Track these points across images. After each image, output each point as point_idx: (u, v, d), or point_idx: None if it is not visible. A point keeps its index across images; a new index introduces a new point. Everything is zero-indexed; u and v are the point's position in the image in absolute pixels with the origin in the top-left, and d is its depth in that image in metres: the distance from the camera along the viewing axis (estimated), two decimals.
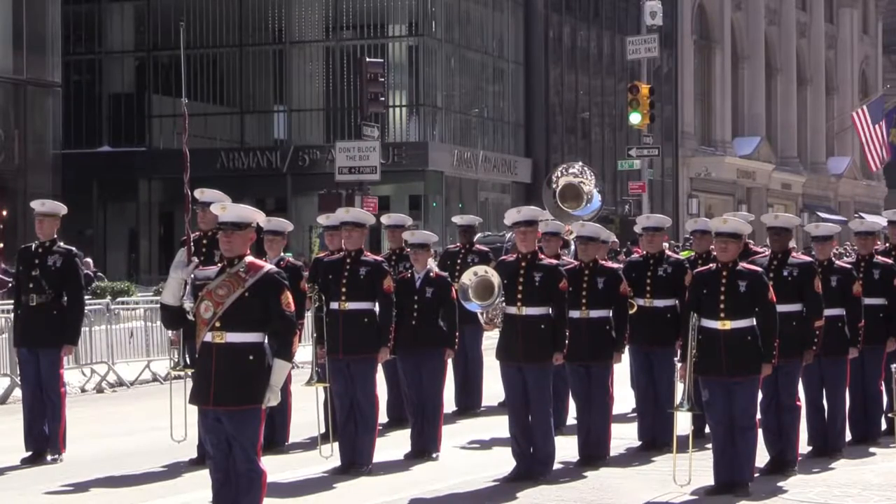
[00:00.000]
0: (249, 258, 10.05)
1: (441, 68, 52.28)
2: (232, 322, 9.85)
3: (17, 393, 20.25)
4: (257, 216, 10.21)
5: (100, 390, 22.37)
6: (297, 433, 15.52)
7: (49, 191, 41.33)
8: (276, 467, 13.86)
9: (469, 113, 54.08)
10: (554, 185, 18.42)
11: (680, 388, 12.83)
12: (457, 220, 20.45)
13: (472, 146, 53.00)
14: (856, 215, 41.35)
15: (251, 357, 9.88)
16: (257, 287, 9.89)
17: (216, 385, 9.85)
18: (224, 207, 10.21)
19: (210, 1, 52.55)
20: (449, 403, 17.47)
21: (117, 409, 20.08)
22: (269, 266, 10.17)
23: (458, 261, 18.19)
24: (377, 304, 14.15)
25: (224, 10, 52.58)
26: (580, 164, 20.23)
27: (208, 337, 9.92)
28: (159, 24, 53.38)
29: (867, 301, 14.76)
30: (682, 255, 17.68)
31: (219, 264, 10.25)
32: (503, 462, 13.81)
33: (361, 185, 40.98)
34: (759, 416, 12.98)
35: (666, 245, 16.86)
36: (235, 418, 9.89)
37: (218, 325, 9.86)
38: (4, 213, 40.13)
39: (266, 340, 9.97)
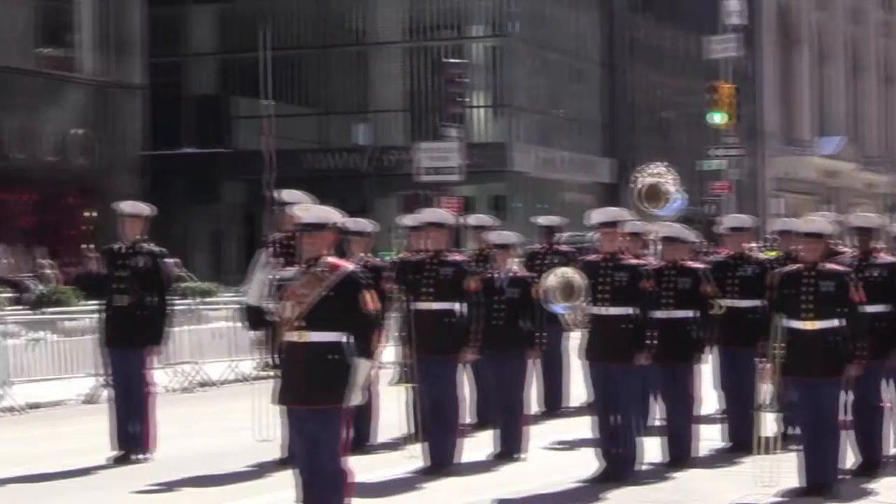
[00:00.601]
0: (331, 258, 10.06)
1: (522, 69, 52.27)
2: (314, 321, 9.83)
3: (106, 393, 20.57)
4: (337, 217, 10.24)
5: (186, 390, 22.56)
6: (383, 433, 15.43)
7: (132, 192, 41.48)
8: (361, 467, 13.78)
9: (550, 113, 54.02)
10: (636, 185, 18.36)
11: (765, 389, 12.77)
12: (540, 220, 20.37)
13: (553, 147, 52.96)
14: None
15: (333, 356, 9.86)
16: (339, 286, 9.87)
17: (300, 384, 9.86)
18: (305, 208, 10.31)
19: (292, 3, 52.86)
20: (534, 404, 17.44)
21: (203, 408, 20.13)
22: (350, 266, 10.20)
23: (542, 261, 17.99)
24: (461, 304, 14.08)
25: (306, 12, 52.88)
26: (664, 164, 20.12)
27: (295, 337, 9.91)
28: (241, 26, 53.69)
29: None
30: (767, 255, 17.49)
31: (300, 264, 10.22)
32: (588, 463, 13.66)
33: (443, 186, 41.04)
34: (848, 417, 12.73)
35: (754, 245, 16.73)
36: (319, 418, 9.86)
37: (301, 324, 9.85)
38: (94, 213, 40.44)
39: (348, 339, 9.93)
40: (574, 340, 15.02)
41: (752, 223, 16.39)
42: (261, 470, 14.07)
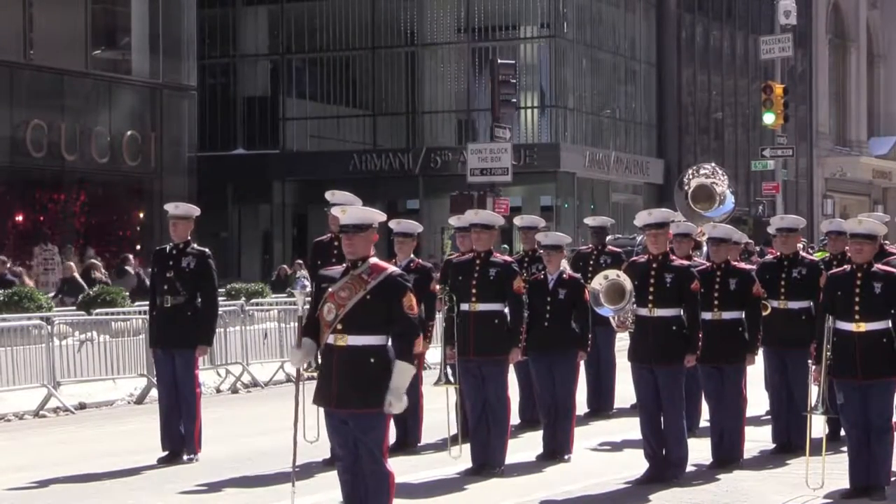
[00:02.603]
0: (373, 260, 9.92)
1: (573, 69, 52.19)
2: (354, 324, 9.75)
3: (154, 393, 20.61)
4: (378, 217, 10.08)
5: (234, 391, 22.59)
6: (428, 434, 15.51)
7: (184, 193, 41.75)
8: (407, 468, 13.93)
9: (601, 114, 53.94)
10: (686, 187, 18.28)
11: (814, 391, 12.64)
12: (589, 221, 20.29)
13: (603, 147, 52.87)
14: None
15: (373, 360, 9.77)
16: (379, 289, 9.76)
17: (339, 387, 9.78)
18: (344, 210, 10.09)
19: (342, 4, 52.89)
20: (581, 405, 17.33)
21: (251, 409, 20.19)
22: (391, 268, 10.03)
23: (591, 262, 18.06)
24: (507, 304, 14.08)
25: (356, 13, 52.87)
26: (712, 164, 20.02)
27: (330, 339, 9.83)
28: (293, 27, 53.89)
29: None
30: (817, 256, 17.36)
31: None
32: (635, 464, 13.75)
33: (493, 187, 40.99)
34: None
35: (800, 246, 16.59)
36: (360, 421, 9.79)
37: (340, 327, 9.76)
38: (142, 215, 40.62)
39: (389, 343, 9.83)
40: (624, 342, 14.86)
41: (800, 223, 16.14)
42: (308, 470, 13.98)
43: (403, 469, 13.78)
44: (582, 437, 15.87)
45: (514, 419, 15.62)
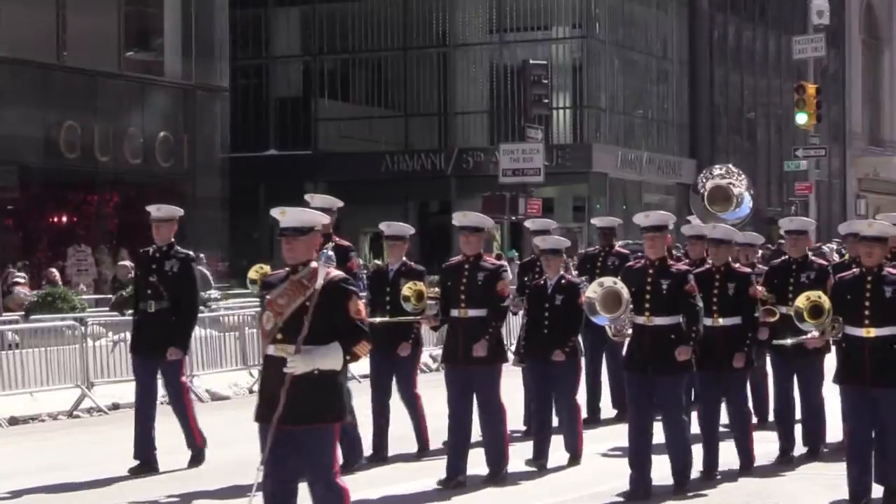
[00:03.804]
0: (314, 264, 9.26)
1: (605, 69, 52.16)
2: (295, 334, 9.07)
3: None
4: (322, 219, 9.62)
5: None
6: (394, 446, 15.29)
7: (217, 194, 41.90)
8: (386, 479, 13.90)
9: (633, 114, 53.89)
10: (702, 190, 18.07)
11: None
12: (596, 221, 19.91)
13: (636, 147, 52.80)
14: None
15: (317, 371, 9.09)
16: (322, 295, 9.11)
17: (285, 402, 9.03)
18: (284, 212, 9.45)
19: (374, 5, 52.98)
20: (606, 408, 17.56)
21: None
22: (335, 272, 9.33)
23: (598, 263, 17.73)
24: (488, 306, 13.65)
25: (388, 14, 52.94)
26: (727, 165, 19.78)
27: (271, 350, 9.15)
28: (325, 28, 53.98)
29: None
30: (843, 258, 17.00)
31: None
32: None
33: (525, 188, 41.00)
34: None
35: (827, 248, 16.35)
36: (311, 436, 9.18)
37: (280, 336, 9.13)
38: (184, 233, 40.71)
39: (343, 359, 9.21)
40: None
41: (809, 226, 15.88)
42: None
43: (380, 481, 13.77)
44: (594, 441, 15.72)
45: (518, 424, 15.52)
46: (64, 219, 40.51)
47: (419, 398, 15.14)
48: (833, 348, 12.98)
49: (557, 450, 14.74)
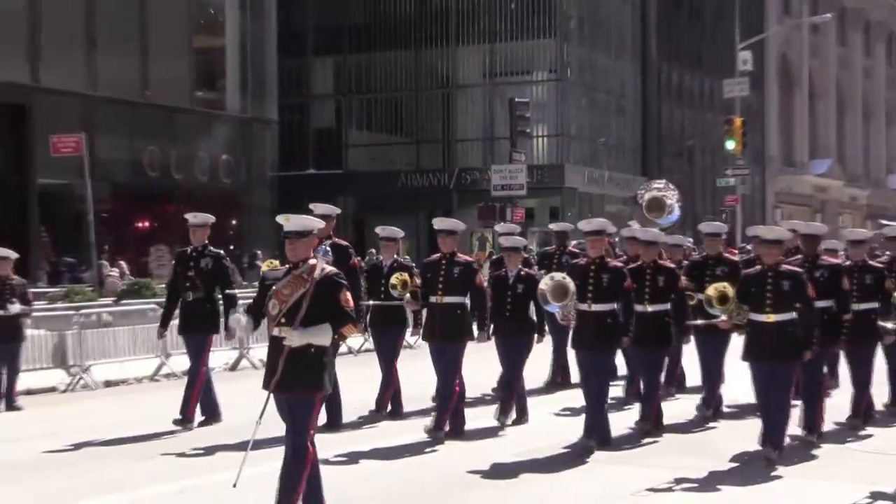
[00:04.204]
0: (312, 261, 9.07)
1: (575, 106, 52.09)
2: (294, 317, 8.89)
3: (244, 363, 20.47)
4: (317, 225, 9.30)
5: None
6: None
7: (267, 205, 41.91)
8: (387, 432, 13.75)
9: (597, 141, 53.75)
10: (641, 200, 17.90)
11: None
12: (552, 226, 19.65)
13: (599, 167, 52.66)
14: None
15: (313, 349, 8.91)
16: (319, 287, 8.91)
17: (282, 373, 8.87)
18: (288, 218, 9.21)
19: (392, 55, 52.91)
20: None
21: None
22: (329, 269, 9.09)
23: (554, 260, 17.59)
24: (471, 297, 13.64)
25: (403, 63, 52.97)
26: (664, 180, 19.61)
27: (276, 331, 8.99)
28: (353, 73, 53.96)
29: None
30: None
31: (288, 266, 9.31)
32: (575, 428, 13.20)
33: (511, 199, 40.90)
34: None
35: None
36: (294, 400, 8.95)
37: (283, 320, 8.93)
38: (234, 222, 40.66)
39: (332, 338, 9.03)
40: None
41: (723, 229, 15.63)
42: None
43: (380, 434, 13.71)
44: (546, 403, 15.68)
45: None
46: (146, 224, 40.54)
47: (396, 371, 14.93)
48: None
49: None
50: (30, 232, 34.25)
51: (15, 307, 16.89)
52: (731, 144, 48.07)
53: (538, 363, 16.62)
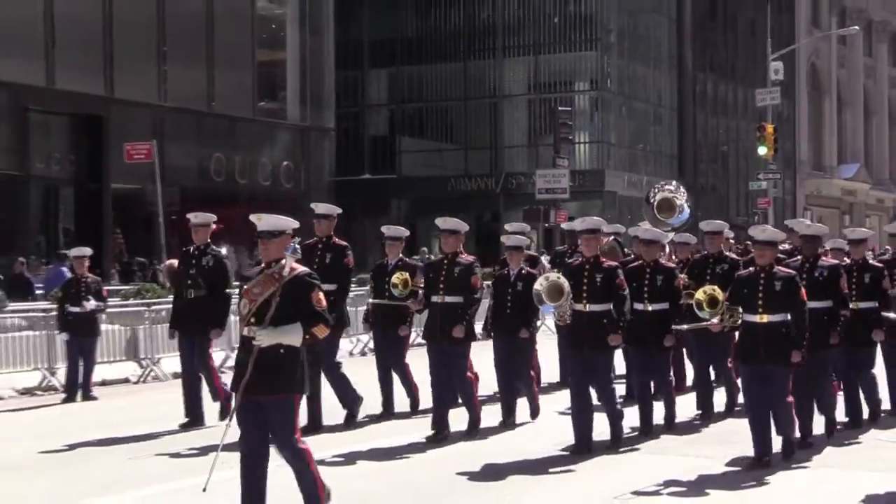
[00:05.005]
0: (284, 261, 8.53)
1: (614, 114, 51.87)
2: (264, 318, 8.35)
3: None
4: (291, 224, 8.77)
5: (363, 354, 22.41)
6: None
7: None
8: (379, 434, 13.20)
9: (635, 148, 53.53)
10: (652, 200, 17.62)
11: None
12: (564, 226, 19.23)
13: (637, 172, 52.41)
14: None
15: (282, 350, 8.33)
16: (290, 287, 8.37)
17: (252, 375, 8.31)
18: (260, 218, 8.71)
19: (442, 68, 52.88)
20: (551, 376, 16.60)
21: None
22: (301, 268, 8.61)
23: (566, 258, 16.67)
24: (463, 296, 12.86)
25: (453, 74, 52.93)
26: (675, 182, 19.35)
27: (245, 331, 8.42)
28: (405, 84, 54.01)
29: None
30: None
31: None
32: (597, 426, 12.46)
33: (555, 202, 40.78)
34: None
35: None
36: (271, 404, 8.38)
37: (253, 320, 8.35)
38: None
39: (302, 338, 8.45)
40: None
41: (724, 227, 15.11)
42: None
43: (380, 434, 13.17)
44: (552, 402, 14.89)
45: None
46: (215, 226, 40.60)
47: (408, 366, 14.50)
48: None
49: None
50: (104, 234, 34.38)
51: (91, 304, 16.98)
52: (763, 150, 47.68)
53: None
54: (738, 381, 13.33)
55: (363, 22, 53.08)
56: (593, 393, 12.45)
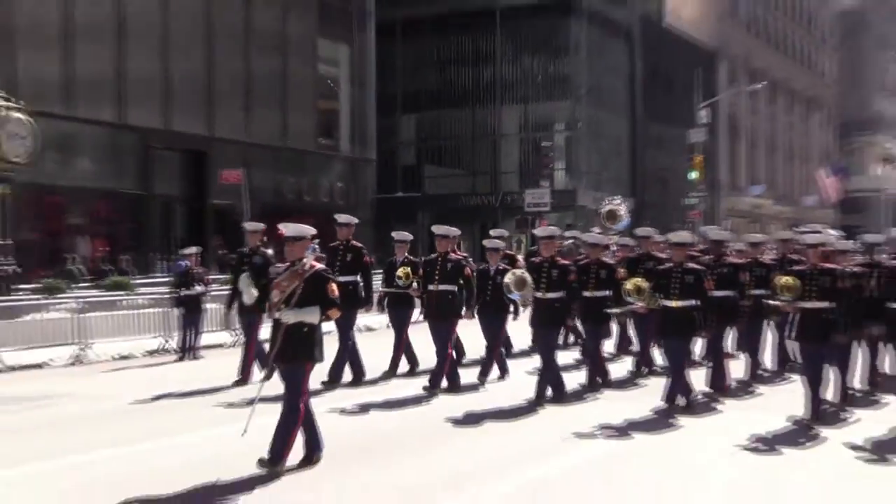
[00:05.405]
0: (305, 260, 8.34)
1: (584, 148, 51.59)
2: (291, 304, 8.20)
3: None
4: (310, 231, 8.50)
5: None
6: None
7: (369, 218, 41.85)
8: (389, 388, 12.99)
9: (600, 173, 53.32)
10: (602, 211, 17.57)
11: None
12: (537, 231, 18.91)
13: (601, 192, 51.86)
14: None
15: (305, 329, 8.15)
16: (311, 280, 8.19)
17: (280, 347, 8.13)
18: (286, 226, 8.49)
19: (456, 112, 52.74)
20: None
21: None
22: (319, 266, 8.39)
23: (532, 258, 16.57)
24: (463, 285, 12.75)
25: (464, 119, 52.75)
26: (619, 197, 19.24)
27: (276, 315, 8.25)
28: (428, 126, 53.91)
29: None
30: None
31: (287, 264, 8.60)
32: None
33: (539, 214, 40.67)
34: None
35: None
36: (289, 369, 8.17)
37: (282, 306, 8.19)
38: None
39: (319, 318, 8.23)
40: None
41: (652, 232, 14.89)
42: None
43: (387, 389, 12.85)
44: (524, 365, 14.57)
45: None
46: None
47: (405, 338, 14.03)
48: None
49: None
50: (207, 238, 34.36)
51: (198, 288, 17.10)
52: (693, 175, 47.75)
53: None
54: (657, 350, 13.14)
55: (397, 79, 52.78)
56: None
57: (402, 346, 14.07)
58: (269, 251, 13.88)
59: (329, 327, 10.03)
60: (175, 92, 34.47)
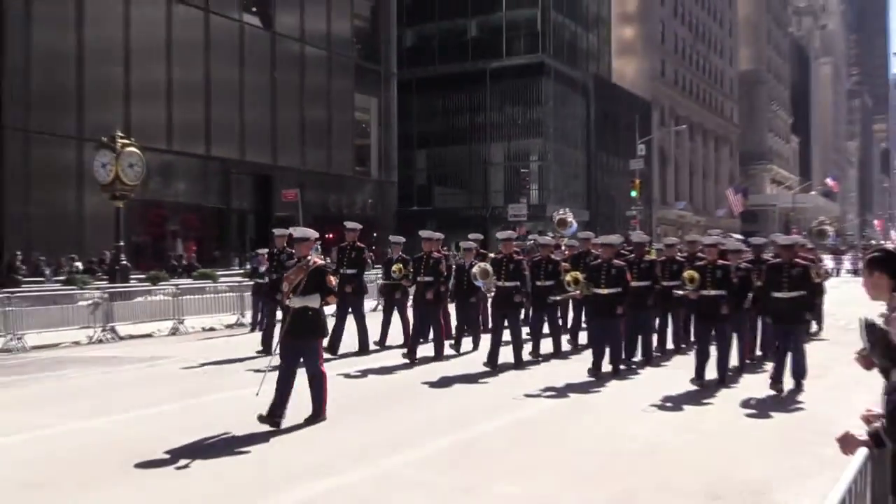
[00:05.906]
0: (310, 257, 7.88)
1: (553, 174, 51.34)
2: (299, 293, 7.77)
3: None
4: (313, 234, 8.02)
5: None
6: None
7: (392, 228, 41.71)
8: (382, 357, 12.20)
9: (564, 192, 53.09)
10: (555, 219, 17.22)
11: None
12: (499, 234, 18.55)
13: (566, 206, 51.83)
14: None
15: (310, 313, 7.73)
16: (314, 273, 7.75)
17: (290, 327, 7.69)
18: (295, 230, 8.14)
19: (458, 148, 52.32)
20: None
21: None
22: (320, 261, 7.90)
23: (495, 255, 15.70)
24: (434, 277, 12.05)
25: (463, 152, 52.25)
26: (566, 208, 18.79)
27: (287, 301, 7.82)
28: (436, 160, 53.89)
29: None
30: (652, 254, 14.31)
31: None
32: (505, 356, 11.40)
33: (519, 223, 40.52)
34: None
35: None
36: (304, 344, 7.73)
37: (291, 295, 7.76)
38: (374, 235, 40.48)
39: (320, 303, 7.79)
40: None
41: (590, 235, 14.04)
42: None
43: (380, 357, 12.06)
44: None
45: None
46: (331, 236, 40.38)
47: (408, 317, 13.44)
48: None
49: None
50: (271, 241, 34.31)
51: (267, 279, 16.70)
52: (634, 193, 47.39)
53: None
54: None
55: (413, 123, 52.29)
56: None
57: (408, 325, 13.24)
58: (293, 251, 13.60)
59: (329, 311, 9.36)
60: (248, 132, 34.59)
